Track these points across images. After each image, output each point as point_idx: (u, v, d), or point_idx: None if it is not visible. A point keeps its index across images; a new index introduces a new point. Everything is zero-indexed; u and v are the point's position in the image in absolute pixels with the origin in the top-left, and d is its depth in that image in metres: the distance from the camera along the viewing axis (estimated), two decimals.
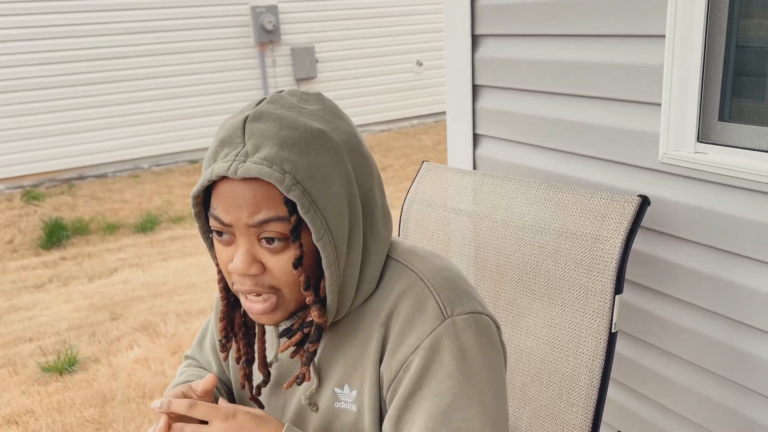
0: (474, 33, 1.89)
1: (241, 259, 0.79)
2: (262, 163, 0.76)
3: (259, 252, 0.80)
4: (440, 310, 0.83)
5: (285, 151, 0.77)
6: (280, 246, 0.79)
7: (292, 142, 0.77)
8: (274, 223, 0.78)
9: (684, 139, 1.39)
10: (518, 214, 1.44)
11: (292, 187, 0.76)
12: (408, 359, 0.83)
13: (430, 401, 0.81)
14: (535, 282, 1.39)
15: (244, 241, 0.80)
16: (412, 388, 0.82)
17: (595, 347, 1.27)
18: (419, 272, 0.87)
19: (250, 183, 0.77)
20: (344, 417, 0.89)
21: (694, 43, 1.34)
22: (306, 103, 0.83)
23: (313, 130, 0.79)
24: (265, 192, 0.77)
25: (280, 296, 0.83)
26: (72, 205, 5.68)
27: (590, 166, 1.62)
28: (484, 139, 1.95)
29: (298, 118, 0.79)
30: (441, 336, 0.82)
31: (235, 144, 0.78)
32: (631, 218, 1.27)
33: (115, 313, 3.62)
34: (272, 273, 0.81)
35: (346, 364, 0.89)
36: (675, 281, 1.47)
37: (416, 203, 1.66)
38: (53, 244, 4.82)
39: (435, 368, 0.81)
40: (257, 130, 0.78)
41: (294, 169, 0.76)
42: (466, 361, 0.82)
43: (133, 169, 6.76)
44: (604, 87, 1.54)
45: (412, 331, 0.83)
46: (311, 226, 0.77)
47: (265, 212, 0.77)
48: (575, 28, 1.58)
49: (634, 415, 1.66)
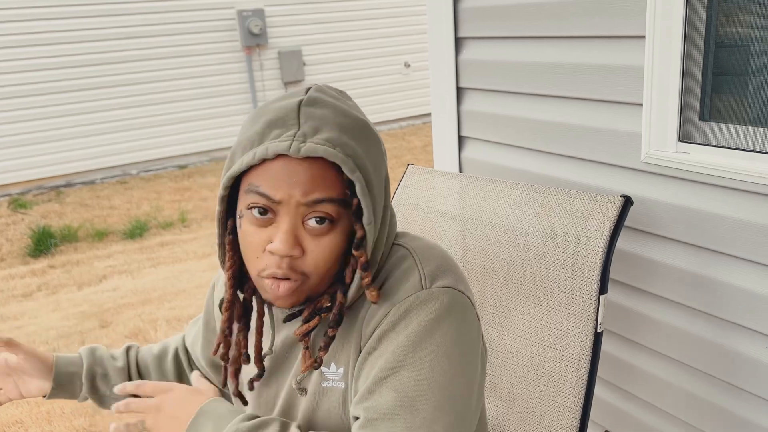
0: (457, 36, 1.89)
1: (284, 239, 0.80)
2: (326, 144, 0.78)
3: (301, 234, 0.81)
4: (420, 281, 0.86)
5: (345, 136, 0.80)
6: (326, 228, 0.81)
7: (348, 128, 0.81)
8: (326, 203, 0.80)
9: (665, 139, 1.40)
10: (503, 216, 1.44)
11: (355, 169, 0.79)
12: (381, 321, 0.85)
13: (384, 357, 0.83)
14: (520, 283, 1.39)
15: (287, 219, 0.80)
16: (374, 345, 0.84)
17: (581, 347, 1.28)
18: (410, 247, 0.91)
19: (308, 162, 0.79)
20: (332, 395, 0.90)
21: (673, 43, 1.35)
22: (345, 97, 0.88)
23: (363, 122, 0.84)
24: (322, 172, 0.79)
25: (306, 281, 0.84)
26: (60, 213, 5.64)
27: (574, 166, 1.63)
28: (469, 141, 1.95)
29: (348, 110, 0.84)
30: (413, 302, 0.84)
31: (288, 125, 0.80)
32: (615, 218, 1.28)
33: (104, 320, 3.60)
34: (308, 258, 0.82)
35: (333, 343, 0.90)
36: (659, 280, 1.49)
37: (402, 206, 1.67)
38: (41, 252, 4.79)
39: (398, 329, 0.83)
40: (315, 115, 0.81)
41: (354, 153, 0.80)
42: (429, 326, 0.83)
43: (121, 175, 6.73)
44: (587, 88, 1.55)
45: (390, 297, 0.86)
46: (365, 209, 0.80)
47: (320, 192, 0.79)
48: (557, 29, 1.59)
49: (621, 414, 1.67)
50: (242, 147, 0.82)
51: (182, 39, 6.80)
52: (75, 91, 6.40)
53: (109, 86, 6.54)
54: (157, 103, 6.80)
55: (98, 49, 6.43)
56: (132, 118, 6.70)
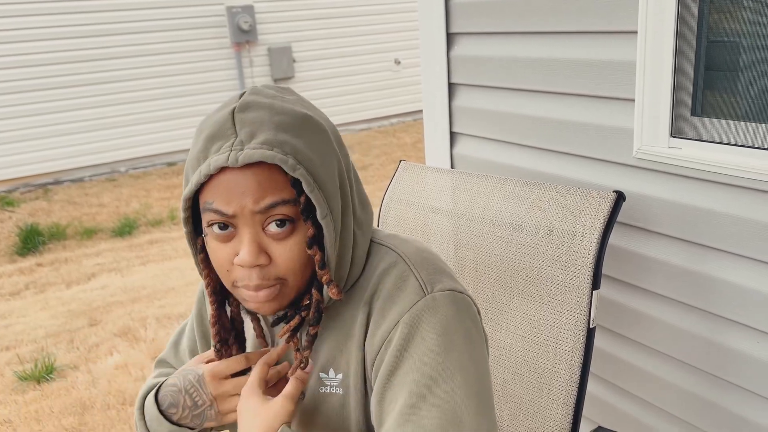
0: (449, 31, 1.89)
1: (248, 250, 0.79)
2: (263, 147, 0.77)
3: (264, 241, 0.80)
4: (420, 287, 0.84)
5: (282, 135, 0.78)
6: (288, 230, 0.80)
7: (285, 125, 0.79)
8: (280, 206, 0.78)
9: (657, 135, 1.40)
10: (495, 212, 1.44)
11: (296, 167, 0.77)
12: (389, 335, 0.83)
13: (411, 375, 0.81)
14: (513, 279, 1.39)
15: (248, 230, 0.79)
16: (394, 364, 0.82)
17: (574, 343, 1.28)
18: (401, 252, 0.89)
19: (251, 170, 0.77)
20: (330, 401, 0.90)
21: (665, 38, 1.35)
22: (284, 93, 0.86)
23: (302, 115, 0.81)
24: (267, 176, 0.78)
25: (284, 285, 0.83)
26: (48, 210, 5.60)
27: (566, 162, 1.63)
28: (461, 137, 1.95)
29: (284, 105, 0.81)
30: (421, 311, 0.83)
31: (226, 136, 0.78)
32: (607, 214, 1.28)
33: (93, 319, 3.57)
34: (278, 262, 0.81)
35: (332, 348, 0.89)
36: (651, 275, 1.49)
37: (394, 202, 1.66)
38: (29, 250, 4.74)
39: (416, 343, 0.82)
40: (249, 119, 0.79)
41: (294, 150, 0.78)
42: (446, 335, 0.82)
43: (110, 172, 6.68)
44: (579, 84, 1.54)
45: (392, 307, 0.84)
46: (317, 205, 0.79)
47: (271, 197, 0.78)
48: (548, 25, 1.59)
49: (614, 409, 1.67)
50: (191, 167, 0.81)
51: (171, 35, 6.75)
52: (63, 88, 6.34)
53: (98, 83, 6.49)
54: (147, 99, 6.76)
55: (87, 45, 6.37)
56: (121, 115, 6.65)
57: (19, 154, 6.24)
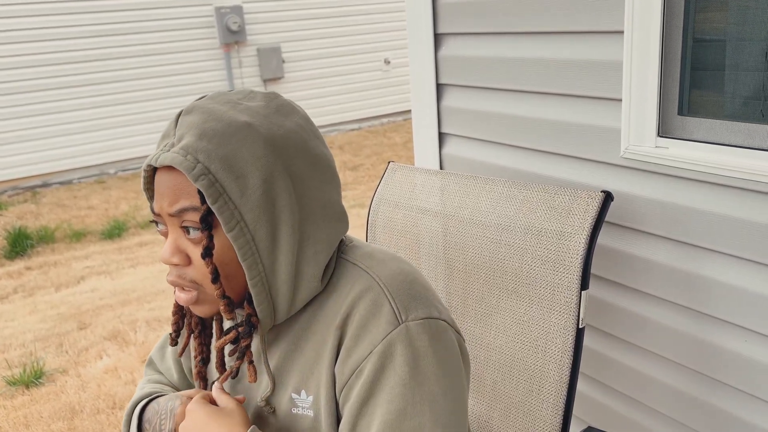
0: (437, 32, 1.88)
1: (165, 248, 0.83)
2: (179, 152, 0.78)
3: (184, 243, 0.83)
4: (395, 316, 0.83)
5: (203, 142, 0.78)
6: (199, 237, 0.81)
7: (212, 133, 0.79)
8: (189, 212, 0.80)
9: (645, 134, 1.41)
10: (484, 213, 1.44)
11: (200, 177, 0.77)
12: (360, 365, 0.82)
13: (382, 408, 0.81)
14: (503, 279, 1.39)
15: (172, 230, 0.83)
16: (365, 395, 0.82)
17: (564, 343, 1.28)
18: (376, 276, 0.86)
19: (172, 172, 0.80)
20: (302, 423, 0.89)
21: (651, 38, 1.35)
22: (250, 100, 0.84)
23: (238, 123, 0.80)
24: (183, 181, 0.80)
25: (201, 291, 0.84)
26: (36, 213, 5.56)
27: (554, 162, 1.63)
28: (450, 137, 1.95)
29: (226, 112, 0.81)
30: (394, 341, 0.81)
31: (169, 136, 0.81)
32: (595, 214, 1.28)
33: (82, 322, 3.55)
34: (194, 266, 0.83)
35: (303, 370, 0.88)
36: (640, 275, 1.49)
37: (383, 204, 1.66)
38: (17, 253, 4.71)
39: (388, 374, 0.81)
40: (185, 122, 0.81)
41: (208, 159, 0.78)
42: (418, 367, 0.81)
43: (99, 174, 6.65)
44: (566, 83, 1.55)
45: (365, 335, 0.83)
46: (219, 217, 0.78)
47: (182, 201, 0.80)
48: (535, 25, 1.59)
49: (604, 409, 1.68)
50: None
51: (160, 36, 6.72)
52: (50, 90, 6.30)
53: (86, 84, 6.45)
54: (135, 101, 6.72)
55: (74, 47, 6.33)
56: (109, 116, 6.62)
57: (7, 157, 6.20)
